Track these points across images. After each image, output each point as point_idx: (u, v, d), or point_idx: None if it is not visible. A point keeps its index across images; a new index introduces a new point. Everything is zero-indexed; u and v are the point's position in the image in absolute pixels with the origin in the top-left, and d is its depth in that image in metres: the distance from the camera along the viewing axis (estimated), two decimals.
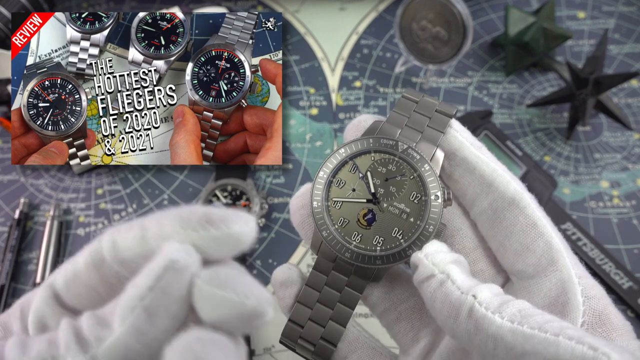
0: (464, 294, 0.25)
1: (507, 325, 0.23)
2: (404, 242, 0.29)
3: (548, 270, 0.28)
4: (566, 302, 0.27)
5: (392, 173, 0.30)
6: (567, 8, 0.65)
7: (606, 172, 0.55)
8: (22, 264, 0.51)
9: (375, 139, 0.30)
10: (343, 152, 0.31)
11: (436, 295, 0.26)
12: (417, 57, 0.58)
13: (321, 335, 0.30)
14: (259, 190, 0.54)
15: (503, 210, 0.29)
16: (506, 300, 0.24)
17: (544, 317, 0.23)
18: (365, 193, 0.30)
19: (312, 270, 0.31)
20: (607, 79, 0.52)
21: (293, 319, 0.30)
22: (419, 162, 0.29)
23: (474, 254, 0.31)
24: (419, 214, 0.29)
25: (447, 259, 0.26)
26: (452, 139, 0.30)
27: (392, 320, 0.31)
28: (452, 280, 0.25)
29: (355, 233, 0.30)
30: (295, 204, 0.32)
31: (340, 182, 0.30)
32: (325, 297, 0.30)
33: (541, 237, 0.28)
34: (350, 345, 0.31)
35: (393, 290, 0.31)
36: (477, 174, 0.30)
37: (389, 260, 0.29)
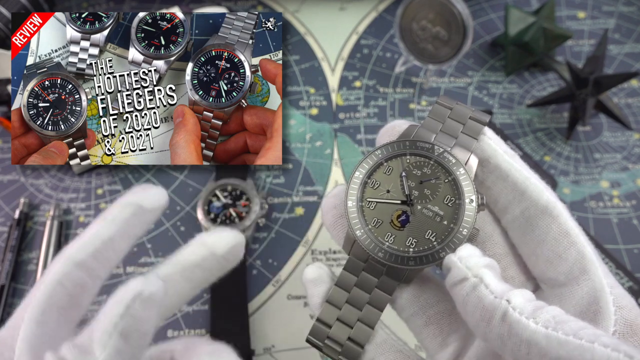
0: (498, 298, 0.24)
1: (542, 330, 0.23)
2: (437, 244, 0.29)
3: (580, 279, 0.28)
4: (598, 311, 0.27)
5: (427, 176, 0.30)
6: (567, 8, 0.65)
7: (606, 172, 0.55)
8: (22, 264, 0.51)
9: (412, 142, 0.30)
10: (379, 154, 0.31)
11: (469, 299, 0.26)
12: (417, 57, 0.58)
13: (349, 336, 0.30)
14: (259, 190, 0.54)
15: (536, 218, 0.29)
16: (540, 306, 0.24)
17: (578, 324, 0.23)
18: (400, 195, 0.30)
19: (342, 271, 0.31)
20: (607, 79, 0.52)
21: (321, 318, 0.30)
22: (454, 165, 0.30)
23: (505, 260, 0.32)
24: (452, 217, 0.29)
25: (480, 263, 0.26)
26: (486, 146, 0.30)
27: (421, 324, 0.31)
28: (486, 284, 0.25)
29: (389, 234, 0.30)
30: (328, 204, 0.32)
31: (375, 183, 0.31)
32: (354, 298, 0.30)
33: (574, 246, 0.28)
34: (378, 347, 0.31)
35: (422, 294, 0.31)
36: (510, 182, 0.30)
37: (422, 261, 0.29)
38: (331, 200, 0.32)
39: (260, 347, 0.47)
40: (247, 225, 0.50)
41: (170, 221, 0.53)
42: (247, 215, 0.51)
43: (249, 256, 0.52)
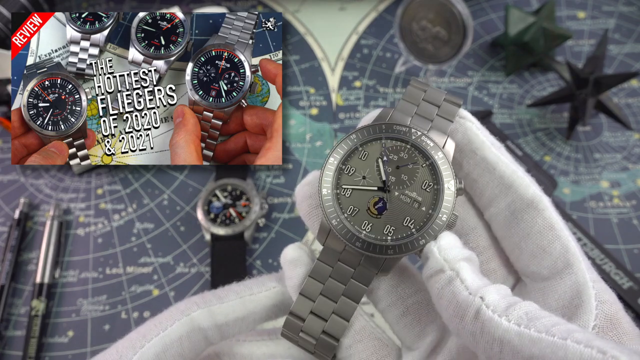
0: (472, 295, 0.24)
1: (514, 328, 0.23)
2: (416, 231, 0.28)
3: (563, 273, 0.28)
4: (579, 305, 0.27)
5: (404, 161, 0.29)
6: (567, 8, 0.65)
7: (606, 172, 0.55)
8: (22, 264, 0.51)
9: (388, 126, 0.29)
10: (354, 138, 0.30)
11: (443, 293, 0.25)
12: (417, 57, 0.58)
13: (323, 329, 0.29)
14: (259, 190, 0.54)
15: (521, 211, 0.29)
16: (513, 303, 0.24)
17: (551, 320, 0.23)
18: (376, 181, 0.29)
19: (316, 261, 0.30)
20: (607, 79, 0.52)
21: (294, 311, 0.30)
22: (432, 149, 0.29)
23: (487, 253, 0.31)
24: (431, 203, 0.28)
25: (459, 256, 0.26)
26: (473, 136, 0.30)
27: (398, 314, 0.31)
28: (461, 279, 0.25)
29: (366, 222, 0.29)
30: (302, 193, 0.31)
31: (351, 169, 0.29)
32: (329, 289, 0.29)
33: (558, 240, 0.28)
34: (356, 334, 0.30)
35: (400, 285, 0.31)
36: (497, 174, 0.29)
37: (401, 250, 0.28)
38: (305, 188, 0.31)
39: None
40: (247, 225, 0.50)
41: (170, 221, 0.53)
42: (247, 215, 0.51)
43: (248, 256, 0.52)
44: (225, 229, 0.50)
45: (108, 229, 0.53)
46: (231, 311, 0.30)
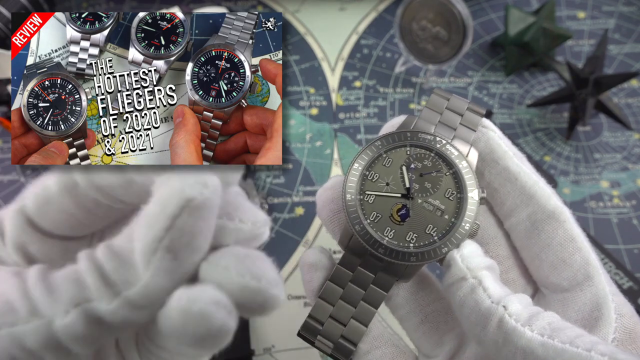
0: (495, 304, 0.24)
1: (538, 338, 0.23)
2: (438, 239, 0.28)
3: (584, 285, 0.28)
4: (599, 318, 0.27)
5: (428, 169, 0.29)
6: (567, 8, 0.65)
7: (606, 172, 0.55)
8: None
9: (413, 133, 0.30)
10: (379, 145, 0.30)
11: (466, 301, 0.25)
12: (417, 57, 0.58)
13: (341, 333, 0.29)
14: (259, 190, 0.54)
15: (542, 222, 0.29)
16: (536, 313, 0.24)
17: (574, 332, 0.23)
18: (400, 188, 0.29)
19: (337, 266, 0.30)
20: (607, 79, 0.52)
21: (313, 315, 0.29)
22: (456, 158, 0.29)
23: (506, 263, 0.31)
24: (454, 212, 0.28)
25: (481, 264, 0.26)
26: (495, 145, 0.30)
27: (417, 322, 0.31)
28: (484, 288, 0.25)
29: (388, 228, 0.29)
30: (324, 197, 0.31)
31: (375, 175, 0.30)
32: (348, 294, 0.29)
33: (579, 252, 0.28)
34: (374, 341, 0.30)
35: (419, 292, 0.31)
36: (518, 185, 0.30)
37: (424, 257, 0.28)
38: (328, 192, 0.31)
39: (260, 347, 0.47)
40: None
41: None
42: None
43: None
44: None
45: None
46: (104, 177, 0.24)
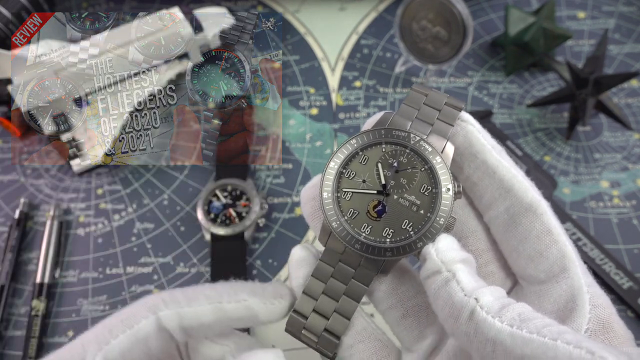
0: (467, 296, 0.25)
1: (507, 329, 0.23)
2: (414, 234, 0.29)
3: (559, 277, 0.28)
4: (574, 309, 0.27)
5: (403, 165, 0.30)
6: (567, 8, 0.65)
7: (606, 172, 0.55)
8: (22, 264, 0.51)
9: (387, 131, 0.30)
10: (354, 143, 0.30)
11: (439, 294, 0.26)
12: (417, 57, 0.58)
13: (325, 327, 0.30)
14: (259, 190, 0.54)
15: (519, 215, 0.29)
16: (507, 304, 0.24)
17: (543, 321, 0.23)
18: (376, 184, 0.30)
19: (318, 262, 0.31)
20: (607, 79, 0.52)
21: (297, 309, 0.30)
22: (430, 154, 0.29)
23: (486, 256, 0.32)
24: (429, 207, 0.29)
25: (456, 258, 0.26)
26: (474, 139, 0.30)
27: (398, 316, 0.31)
28: (457, 281, 0.25)
29: (365, 224, 0.29)
30: (307, 195, 0.32)
31: (351, 173, 0.30)
32: (330, 288, 0.30)
33: (555, 245, 0.29)
34: (358, 335, 0.31)
35: (400, 286, 0.31)
36: (496, 178, 0.30)
37: (399, 252, 0.29)
38: (310, 191, 0.32)
39: None
40: (247, 225, 0.50)
41: (170, 221, 0.53)
42: (247, 215, 0.51)
43: (248, 256, 0.52)
44: (225, 229, 0.50)
45: (108, 229, 0.53)
46: (199, 316, 0.29)
